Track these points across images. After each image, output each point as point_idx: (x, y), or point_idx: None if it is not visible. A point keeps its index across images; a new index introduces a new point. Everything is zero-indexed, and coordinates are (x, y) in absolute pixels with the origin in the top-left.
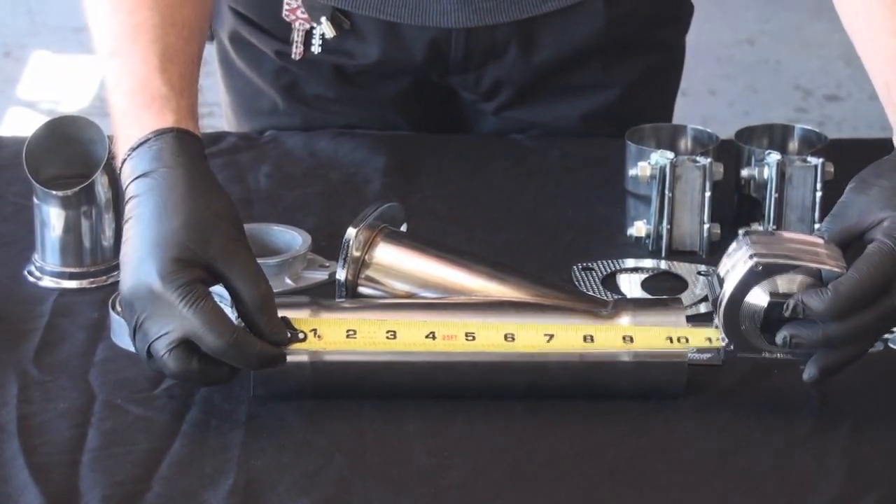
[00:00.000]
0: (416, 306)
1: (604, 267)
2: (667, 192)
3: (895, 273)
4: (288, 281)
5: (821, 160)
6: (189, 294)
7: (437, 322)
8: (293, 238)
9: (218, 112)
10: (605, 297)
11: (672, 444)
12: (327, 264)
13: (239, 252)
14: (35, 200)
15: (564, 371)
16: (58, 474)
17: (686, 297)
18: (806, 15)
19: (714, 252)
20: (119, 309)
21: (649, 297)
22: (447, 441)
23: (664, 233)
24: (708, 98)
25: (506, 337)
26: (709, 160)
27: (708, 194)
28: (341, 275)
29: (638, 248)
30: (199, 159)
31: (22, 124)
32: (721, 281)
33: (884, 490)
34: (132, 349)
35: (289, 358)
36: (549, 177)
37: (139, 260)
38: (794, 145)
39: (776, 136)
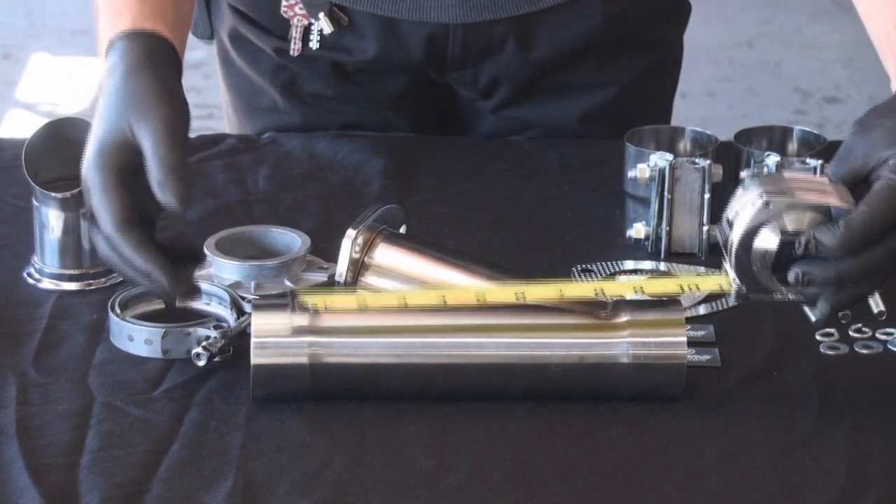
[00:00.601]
0: (415, 308)
1: (603, 268)
2: (666, 193)
3: None
4: (287, 283)
5: (820, 162)
6: (100, 176)
7: (447, 291)
8: (292, 240)
9: (218, 114)
10: (604, 299)
11: (671, 445)
12: (326, 266)
13: (151, 120)
14: (34, 202)
15: (564, 373)
16: (57, 476)
17: (685, 299)
18: (805, 17)
19: (713, 254)
20: (118, 311)
21: (649, 298)
22: (447, 443)
23: (663, 234)
24: (707, 100)
25: (517, 296)
26: (708, 162)
27: (707, 196)
28: (340, 277)
29: (637, 249)
30: (142, 52)
31: (21, 126)
32: (730, 224)
33: (883, 491)
34: (131, 351)
35: (288, 360)
36: (548, 179)
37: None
38: (793, 147)
39: (775, 137)
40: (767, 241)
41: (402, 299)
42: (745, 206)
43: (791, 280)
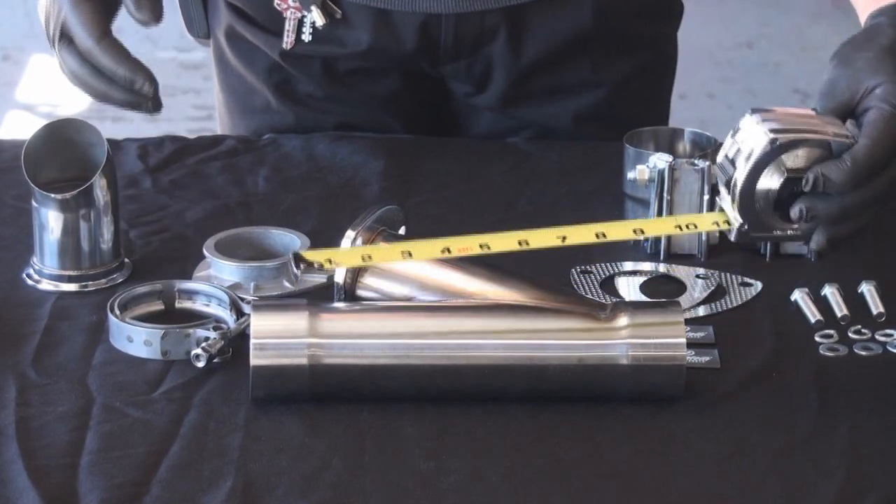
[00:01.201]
0: (414, 309)
1: (602, 270)
2: (665, 195)
3: None
4: (286, 284)
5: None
6: None
7: (450, 239)
8: (292, 241)
9: (216, 115)
10: (603, 300)
11: (670, 446)
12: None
13: None
14: (33, 203)
15: (563, 374)
16: (56, 477)
17: (684, 301)
18: (805, 18)
19: (712, 255)
20: (118, 312)
21: (648, 299)
22: (446, 444)
23: (662, 236)
24: (706, 101)
25: (520, 243)
26: (707, 163)
27: (706, 197)
28: (339, 278)
29: (636, 251)
30: None
31: (20, 127)
32: (732, 162)
33: (882, 493)
34: (131, 352)
35: (287, 361)
36: (546, 180)
37: None
38: None
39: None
40: (771, 179)
41: (407, 252)
42: (748, 144)
43: (794, 216)
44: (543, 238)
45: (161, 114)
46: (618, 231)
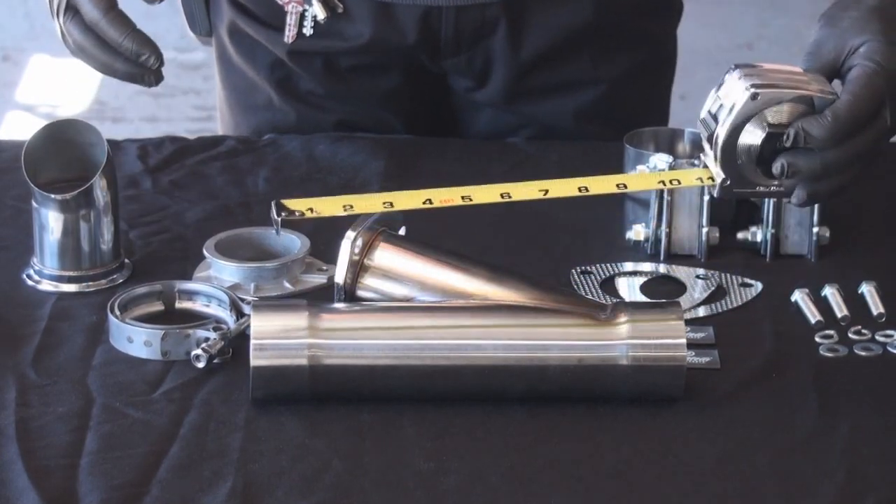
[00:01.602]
0: (414, 310)
1: (602, 270)
2: (665, 195)
3: (884, 92)
4: (286, 284)
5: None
6: None
7: (433, 190)
8: (292, 242)
9: (217, 116)
10: (603, 301)
11: (670, 447)
12: (326, 268)
13: None
14: (33, 204)
15: (563, 374)
16: (56, 478)
17: (685, 301)
18: (804, 20)
19: (713, 256)
20: (118, 313)
21: (648, 300)
22: (445, 445)
23: (663, 236)
24: None
25: (502, 195)
26: None
27: (706, 198)
28: (340, 278)
29: (636, 251)
30: None
31: (20, 128)
32: (714, 117)
33: (882, 493)
34: (131, 353)
35: (287, 362)
36: (547, 180)
37: None
38: None
39: None
40: (752, 134)
41: (389, 202)
42: (729, 98)
43: (776, 171)
44: (526, 191)
45: (161, 112)
46: (600, 185)
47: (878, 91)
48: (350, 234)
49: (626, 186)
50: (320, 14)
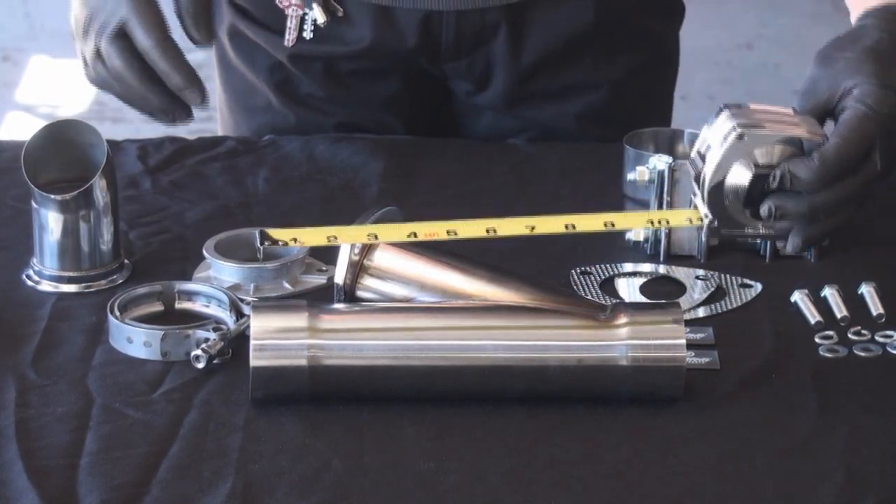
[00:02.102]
0: (414, 310)
1: (602, 271)
2: (665, 196)
3: (874, 136)
4: (286, 285)
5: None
6: None
7: (418, 224)
8: None
9: (217, 116)
10: (603, 301)
11: (670, 447)
12: (325, 268)
13: None
14: (33, 204)
15: (563, 375)
16: (56, 478)
17: (684, 302)
18: (805, 19)
19: (712, 256)
20: (117, 313)
21: (647, 301)
22: (445, 445)
23: (662, 237)
24: (707, 102)
25: (487, 230)
26: None
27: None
28: (340, 279)
29: (636, 252)
30: None
31: (20, 128)
32: (702, 157)
33: (882, 494)
34: (130, 353)
35: (287, 362)
36: (547, 181)
37: None
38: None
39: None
40: (740, 175)
41: (374, 234)
42: (717, 139)
43: (763, 214)
44: (513, 226)
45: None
46: (588, 223)
47: (868, 135)
48: None
49: (613, 225)
50: (320, 18)
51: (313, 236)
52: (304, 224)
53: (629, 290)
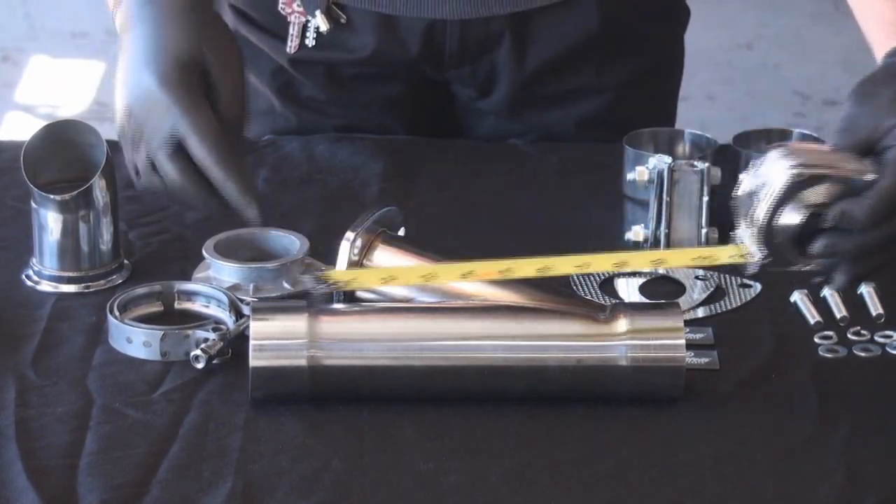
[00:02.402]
0: (413, 311)
1: (602, 271)
2: (665, 196)
3: None
4: (286, 285)
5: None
6: (185, 96)
7: (475, 263)
8: (291, 242)
9: None
10: (602, 302)
11: (670, 448)
12: (325, 269)
13: (232, 66)
14: (33, 204)
15: (563, 375)
16: (56, 478)
17: (684, 302)
18: (805, 20)
19: None
20: (117, 313)
21: (647, 301)
22: (445, 445)
23: (662, 237)
24: (706, 103)
25: (539, 269)
26: (707, 164)
27: (706, 199)
28: None
29: (636, 252)
30: None
31: (20, 128)
32: (754, 194)
33: (882, 494)
34: (130, 353)
35: (287, 362)
36: (547, 181)
37: (139, 68)
38: None
39: (774, 140)
40: (791, 214)
41: (431, 275)
42: (770, 178)
43: (817, 251)
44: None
45: None
46: (638, 261)
47: None
48: (349, 235)
49: (662, 262)
50: (323, 25)
51: (370, 277)
52: (303, 224)
53: (629, 290)
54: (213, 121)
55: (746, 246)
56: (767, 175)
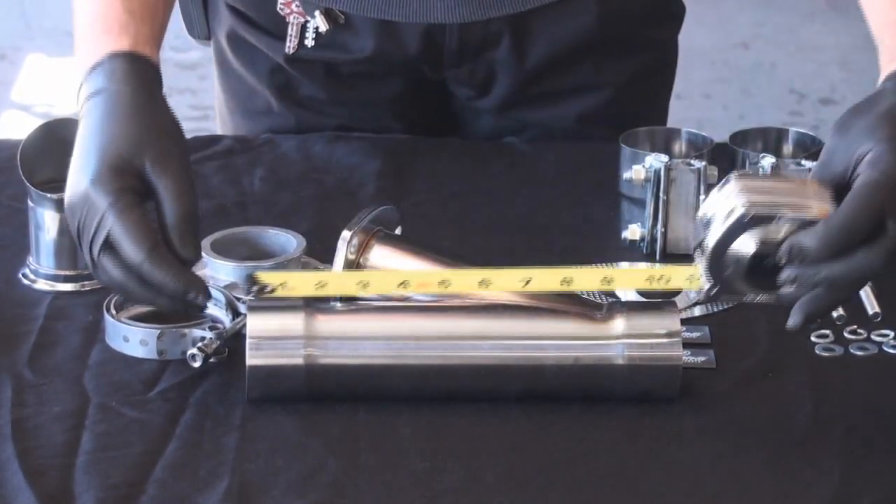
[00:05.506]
0: (410, 309)
1: None
2: (661, 195)
3: (886, 203)
4: None
5: (815, 163)
6: (117, 200)
7: (411, 272)
8: (287, 241)
9: (213, 115)
10: (599, 300)
11: (666, 447)
12: (322, 267)
13: (170, 165)
14: (29, 203)
15: (559, 374)
16: (52, 477)
17: (680, 301)
18: (800, 18)
19: None
20: (114, 312)
21: (644, 300)
22: (441, 444)
23: (658, 236)
24: (703, 101)
25: (480, 283)
26: (703, 163)
27: (702, 197)
28: None
29: (632, 251)
30: (150, 81)
31: (16, 127)
32: (707, 224)
33: (878, 494)
34: (127, 352)
35: (283, 361)
36: (543, 180)
37: (78, 168)
38: (788, 149)
39: (770, 139)
40: (744, 246)
41: (364, 282)
42: (723, 209)
43: (780, 286)
44: (507, 279)
45: None
46: (585, 277)
47: (878, 202)
48: (346, 234)
49: (611, 281)
50: (322, 26)
51: (303, 282)
52: (300, 222)
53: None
54: (144, 223)
55: (700, 272)
56: (722, 205)
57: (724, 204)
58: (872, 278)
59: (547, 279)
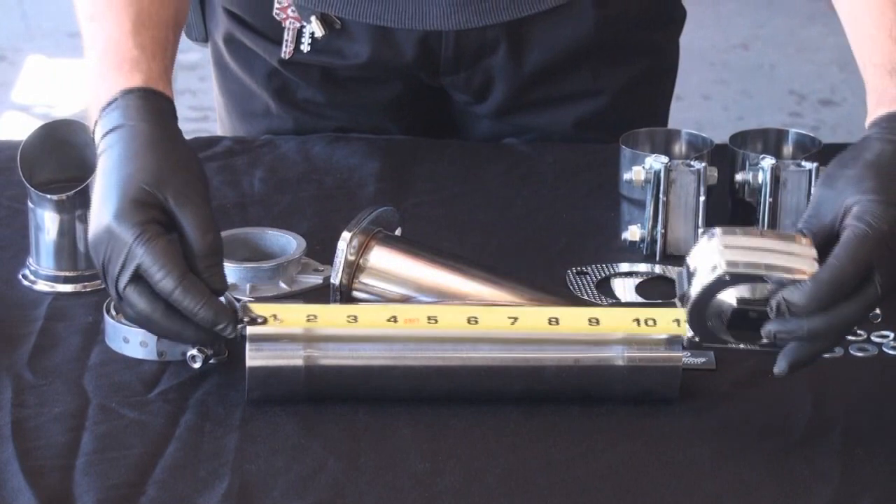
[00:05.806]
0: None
1: (598, 271)
2: (661, 196)
3: (873, 256)
4: (282, 285)
5: (815, 164)
6: (142, 232)
7: (399, 307)
8: (287, 242)
9: (213, 116)
10: (599, 302)
11: (666, 448)
12: (321, 268)
13: (192, 198)
14: (29, 204)
15: (559, 375)
16: (52, 478)
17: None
18: (800, 20)
19: None
20: (114, 312)
21: (644, 301)
22: (441, 445)
23: (658, 237)
24: (702, 103)
25: (469, 320)
26: (703, 164)
27: (702, 199)
28: (336, 279)
29: (632, 252)
30: (165, 116)
31: (16, 128)
32: (690, 276)
33: (877, 494)
34: (127, 353)
35: (283, 362)
36: (543, 181)
37: (100, 204)
38: (788, 150)
39: (770, 140)
40: (726, 301)
41: (353, 316)
42: (705, 265)
43: (764, 340)
44: (495, 317)
45: None
46: (572, 318)
47: (865, 255)
48: (346, 235)
49: (598, 322)
50: (318, 31)
51: (293, 314)
52: (300, 224)
53: (625, 290)
54: (173, 252)
55: (683, 325)
56: (705, 261)
57: (707, 259)
58: (849, 332)
59: (534, 318)
